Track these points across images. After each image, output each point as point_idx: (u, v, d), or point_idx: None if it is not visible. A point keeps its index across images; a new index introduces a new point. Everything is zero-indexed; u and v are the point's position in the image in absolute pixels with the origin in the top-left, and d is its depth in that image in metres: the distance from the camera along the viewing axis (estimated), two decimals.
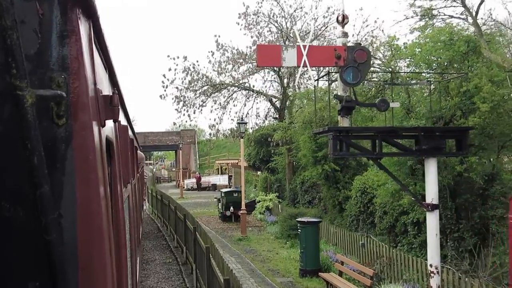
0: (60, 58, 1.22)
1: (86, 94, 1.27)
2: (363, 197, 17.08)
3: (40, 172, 1.06)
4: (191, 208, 30.62)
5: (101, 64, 1.90)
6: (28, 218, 1.13)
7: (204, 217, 25.78)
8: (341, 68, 8.11)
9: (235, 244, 17.95)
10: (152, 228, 23.07)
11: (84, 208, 1.22)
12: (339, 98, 8.49)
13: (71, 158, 1.21)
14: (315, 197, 23.51)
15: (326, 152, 19.15)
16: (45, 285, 1.14)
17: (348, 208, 18.45)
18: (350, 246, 14.57)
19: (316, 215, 18.12)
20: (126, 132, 3.63)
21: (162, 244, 18.53)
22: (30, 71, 1.13)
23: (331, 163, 19.28)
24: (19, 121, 1.04)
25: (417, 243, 13.69)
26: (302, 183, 24.56)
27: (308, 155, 19.54)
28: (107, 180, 1.63)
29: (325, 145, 19.48)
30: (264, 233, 20.61)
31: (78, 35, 1.26)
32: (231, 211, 23.15)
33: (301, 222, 12.58)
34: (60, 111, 1.18)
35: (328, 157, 19.37)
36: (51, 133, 1.18)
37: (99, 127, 1.49)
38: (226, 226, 22.65)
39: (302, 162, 21.20)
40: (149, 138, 59.95)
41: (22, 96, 1.02)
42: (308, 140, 19.51)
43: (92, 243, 1.24)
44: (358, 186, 17.40)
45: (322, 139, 19.43)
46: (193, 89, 27.50)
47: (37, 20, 1.19)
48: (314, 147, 19.52)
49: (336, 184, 19.70)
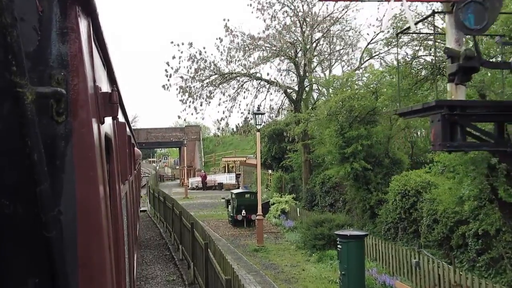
0: (59, 56, 1.22)
1: (85, 92, 1.27)
2: (404, 201, 14.33)
3: (40, 169, 1.06)
4: (197, 209, 27.96)
5: (100, 61, 1.87)
6: (28, 215, 1.12)
7: (211, 220, 23.08)
8: (455, 5, 5.25)
9: (250, 256, 15.25)
10: (154, 234, 20.40)
11: (83, 205, 1.21)
12: (451, 54, 5.39)
13: (71, 155, 1.21)
14: (337, 200, 20.77)
15: (355, 148, 16.47)
16: (45, 282, 1.13)
17: (383, 214, 15.71)
18: (395, 263, 11.84)
19: (347, 222, 15.40)
20: (124, 129, 3.42)
21: (165, 256, 15.87)
22: (30, 68, 1.14)
23: (361, 160, 16.55)
24: (19, 118, 1.05)
25: (483, 261, 10.95)
26: (322, 183, 21.82)
27: (334, 151, 16.81)
28: (106, 177, 1.61)
29: (354, 140, 16.80)
30: (282, 241, 17.89)
31: (77, 32, 1.26)
32: (243, 215, 20.42)
33: (342, 236, 9.83)
34: (59, 108, 1.18)
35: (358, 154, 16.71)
36: (50, 130, 1.18)
37: (99, 125, 1.49)
38: (237, 232, 19.94)
39: (328, 160, 18.48)
40: (152, 134, 57.28)
41: (22, 93, 1.03)
42: (334, 134, 16.77)
43: (91, 240, 1.23)
44: (397, 188, 14.66)
45: (350, 133, 16.73)
46: (199, 78, 24.77)
47: (37, 18, 1.19)
48: (341, 142, 16.78)
49: (367, 185, 16.96)
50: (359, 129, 16.69)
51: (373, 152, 17.22)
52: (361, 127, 16.81)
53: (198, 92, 25.04)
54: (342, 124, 16.92)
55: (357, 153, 16.63)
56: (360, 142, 16.51)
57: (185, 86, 24.90)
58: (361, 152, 16.59)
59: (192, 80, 24.87)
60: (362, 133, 16.59)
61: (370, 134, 16.91)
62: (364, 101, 16.22)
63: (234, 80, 25.72)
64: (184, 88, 24.81)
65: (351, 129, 16.84)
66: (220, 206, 29.01)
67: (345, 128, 16.94)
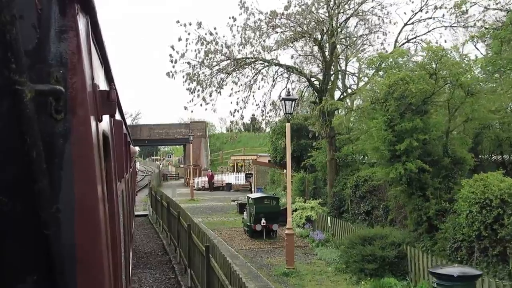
0: (58, 54, 1.21)
1: (84, 89, 1.26)
2: (484, 214, 10.84)
3: (38, 167, 1.06)
4: (205, 215, 24.55)
5: (98, 59, 1.89)
6: (26, 212, 1.10)
7: (224, 229, 19.62)
8: None
9: (280, 283, 11.78)
10: (155, 247, 16.98)
11: (81, 203, 1.19)
12: None
13: (69, 153, 1.19)
14: (375, 207, 17.27)
15: (410, 144, 13.00)
16: (43, 278, 1.12)
17: (448, 229, 12.22)
18: None
19: (406, 240, 11.93)
20: (121, 127, 3.47)
21: (169, 280, 12.46)
22: (29, 66, 1.12)
23: (417, 160, 13.08)
24: (18, 116, 1.04)
25: None
26: (356, 187, 18.35)
27: (383, 148, 13.32)
28: (104, 175, 1.60)
29: (406, 134, 13.32)
30: (314, 259, 14.45)
31: (76, 30, 1.25)
32: (263, 225, 16.98)
33: (443, 277, 6.36)
34: (58, 106, 1.17)
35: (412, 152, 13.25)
36: (49, 128, 1.17)
37: (97, 122, 1.48)
38: (256, 245, 16.50)
39: (372, 158, 15.01)
40: (155, 131, 53.93)
41: (21, 91, 1.02)
42: (383, 126, 13.30)
43: (89, 237, 1.22)
44: (473, 196, 11.17)
45: (403, 125, 13.26)
46: (209, 63, 21.34)
47: (36, 15, 1.18)
48: (392, 137, 13.31)
49: (422, 190, 13.47)
50: (414, 120, 13.21)
51: (428, 149, 13.74)
52: (416, 117, 13.34)
53: (208, 80, 21.63)
54: (392, 114, 13.45)
55: (411, 150, 13.17)
56: (415, 137, 13.05)
57: (193, 73, 21.50)
58: (416, 149, 13.13)
59: (200, 66, 21.46)
60: (417, 125, 13.12)
61: (428, 127, 13.44)
62: (421, 84, 12.74)
63: (249, 66, 22.29)
64: (192, 76, 21.39)
65: (403, 120, 13.37)
66: (231, 211, 25.61)
67: (395, 119, 13.47)
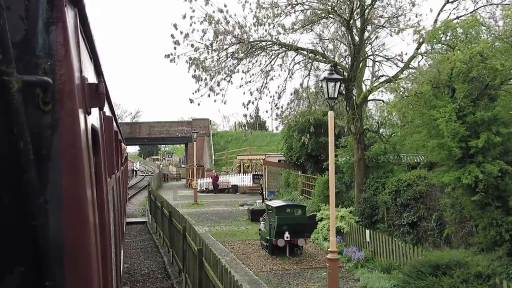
0: (46, 45, 1.19)
1: (72, 81, 1.25)
2: None
3: (25, 158, 1.05)
4: (212, 222, 21.37)
5: (87, 52, 1.88)
6: (13, 203, 1.10)
7: (236, 242, 16.44)
8: None
9: None
10: (154, 266, 13.82)
11: (69, 194, 1.19)
12: None
13: (57, 145, 1.18)
14: (423, 217, 14.15)
15: (489, 138, 9.91)
16: (30, 270, 1.11)
17: None
18: None
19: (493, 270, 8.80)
20: (111, 123, 3.52)
21: None
22: (16, 57, 1.11)
23: (497, 160, 9.99)
24: (5, 107, 1.03)
25: None
26: (396, 192, 15.22)
27: (452, 145, 10.19)
28: (92, 167, 1.60)
29: (482, 127, 10.24)
30: (355, 286, 11.31)
31: (64, 22, 1.23)
32: (286, 239, 13.83)
33: None
34: (46, 98, 1.16)
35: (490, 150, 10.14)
36: (37, 119, 1.16)
37: (85, 115, 1.48)
38: (279, 265, 13.35)
39: (436, 158, 11.83)
40: (155, 129, 50.72)
41: (8, 82, 1.01)
42: (454, 116, 10.17)
43: (77, 228, 1.21)
44: None
45: (479, 115, 10.17)
46: (219, 46, 18.20)
47: (23, 7, 1.16)
48: (463, 130, 10.20)
49: (501, 200, 10.38)
50: (492, 108, 10.11)
51: (509, 146, 10.64)
52: (494, 105, 10.24)
53: (216, 66, 18.49)
54: (463, 101, 10.33)
55: (488, 148, 10.07)
56: (495, 130, 9.95)
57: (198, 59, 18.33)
58: (495, 146, 10.04)
59: (207, 49, 18.31)
60: (498, 115, 10.02)
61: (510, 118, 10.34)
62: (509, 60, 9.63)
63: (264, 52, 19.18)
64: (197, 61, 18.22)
65: (478, 108, 10.26)
66: (241, 218, 22.49)
67: (466, 107, 10.36)
